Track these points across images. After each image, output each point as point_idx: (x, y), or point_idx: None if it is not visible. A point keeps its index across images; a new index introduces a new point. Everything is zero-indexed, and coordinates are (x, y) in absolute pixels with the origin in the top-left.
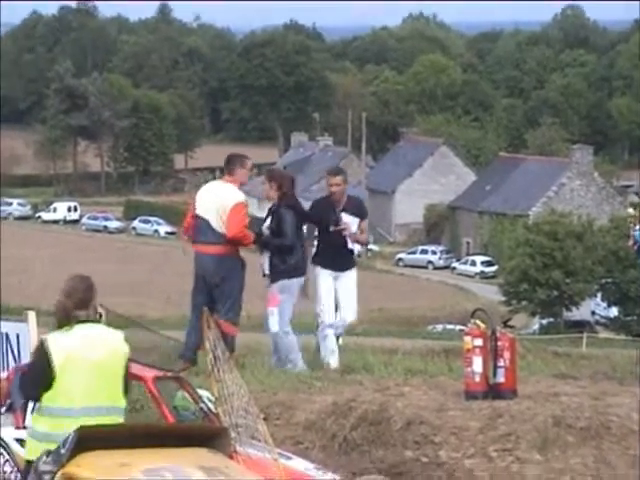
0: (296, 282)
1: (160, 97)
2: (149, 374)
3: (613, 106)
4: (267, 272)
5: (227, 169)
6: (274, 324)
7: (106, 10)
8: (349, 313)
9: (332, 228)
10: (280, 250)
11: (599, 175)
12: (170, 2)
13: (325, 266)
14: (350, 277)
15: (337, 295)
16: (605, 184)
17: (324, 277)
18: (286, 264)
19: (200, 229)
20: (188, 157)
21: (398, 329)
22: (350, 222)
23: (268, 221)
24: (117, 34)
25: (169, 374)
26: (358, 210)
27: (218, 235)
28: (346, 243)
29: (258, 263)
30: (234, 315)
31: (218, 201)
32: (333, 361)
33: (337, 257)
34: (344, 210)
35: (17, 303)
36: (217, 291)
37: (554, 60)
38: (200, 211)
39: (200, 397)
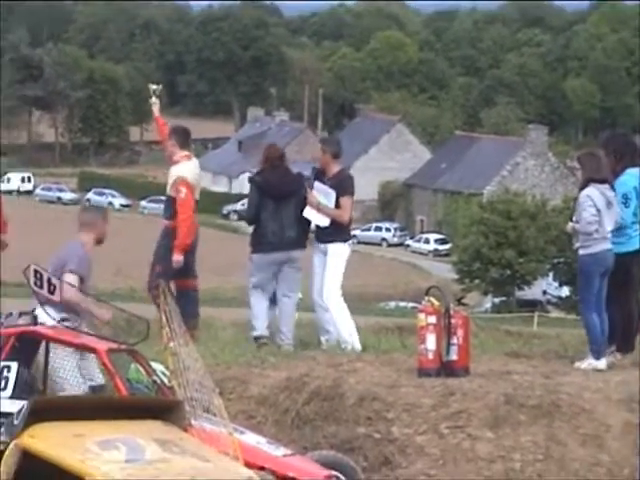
0: (259, 257)
1: (116, 69)
2: (102, 346)
3: (568, 87)
4: None
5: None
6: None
7: None
8: (323, 292)
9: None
10: (245, 222)
11: (553, 155)
12: None
13: (315, 238)
14: (330, 252)
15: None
16: (559, 164)
17: (314, 250)
18: (251, 238)
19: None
20: (143, 130)
21: (351, 306)
22: (323, 193)
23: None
24: (73, 5)
25: (122, 346)
26: (338, 184)
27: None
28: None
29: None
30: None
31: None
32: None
33: (317, 229)
34: (326, 182)
35: None
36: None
37: (510, 39)
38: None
39: (154, 370)
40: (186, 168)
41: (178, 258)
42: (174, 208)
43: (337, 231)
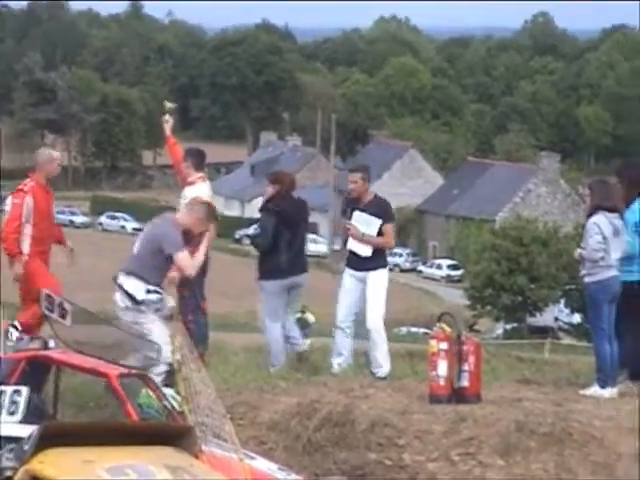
0: (274, 284)
1: (130, 93)
2: (113, 371)
3: (580, 114)
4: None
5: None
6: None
7: (77, 4)
8: (368, 318)
9: (342, 225)
10: (256, 249)
11: (565, 182)
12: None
13: (347, 265)
14: (372, 279)
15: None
16: (571, 191)
17: (345, 275)
18: (263, 265)
19: None
20: (156, 154)
21: (363, 331)
22: (365, 222)
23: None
24: (87, 28)
25: (134, 371)
26: (379, 211)
27: None
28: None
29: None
30: None
31: None
32: (337, 363)
33: (353, 256)
34: (364, 210)
35: None
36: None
37: (523, 67)
38: None
39: (164, 395)
40: (201, 189)
41: (174, 276)
42: None
43: (379, 258)
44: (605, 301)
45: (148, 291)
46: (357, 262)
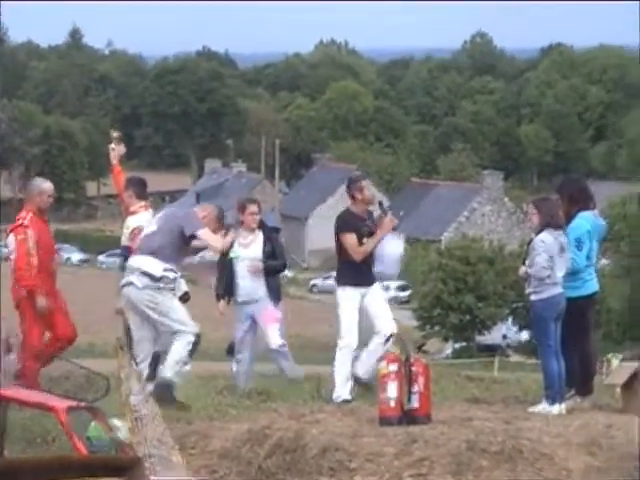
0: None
1: (72, 124)
2: (61, 405)
3: (522, 133)
4: (255, 293)
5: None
6: (277, 338)
7: (16, 35)
8: (389, 324)
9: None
10: (279, 271)
11: (509, 200)
12: (81, 27)
13: (356, 284)
14: (378, 288)
15: (369, 311)
16: (515, 209)
17: (354, 296)
18: (278, 284)
19: None
20: (100, 184)
21: (313, 355)
22: (394, 241)
23: (260, 246)
24: (27, 60)
25: (82, 404)
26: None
27: None
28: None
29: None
30: None
31: None
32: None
33: (367, 270)
34: (370, 226)
35: None
36: None
37: (464, 87)
38: None
39: (113, 427)
40: (144, 218)
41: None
42: None
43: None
44: (551, 318)
45: (165, 269)
46: (364, 278)
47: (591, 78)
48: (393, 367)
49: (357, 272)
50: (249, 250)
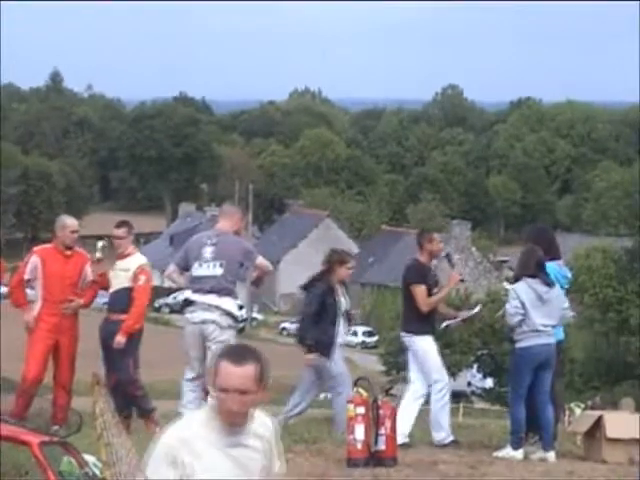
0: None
1: (50, 165)
2: (35, 439)
3: (490, 184)
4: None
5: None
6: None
7: None
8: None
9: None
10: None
11: (477, 250)
12: (62, 71)
13: (432, 332)
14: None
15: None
16: (482, 259)
17: (433, 343)
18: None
19: None
20: None
21: (282, 397)
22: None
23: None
24: (8, 101)
25: (55, 439)
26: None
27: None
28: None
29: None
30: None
31: None
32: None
33: (433, 321)
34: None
35: None
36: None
37: (434, 138)
38: None
39: (86, 462)
40: (143, 258)
41: (121, 340)
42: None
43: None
44: (528, 367)
45: (239, 307)
46: (433, 327)
47: (559, 132)
48: (360, 410)
49: (430, 321)
50: (345, 302)
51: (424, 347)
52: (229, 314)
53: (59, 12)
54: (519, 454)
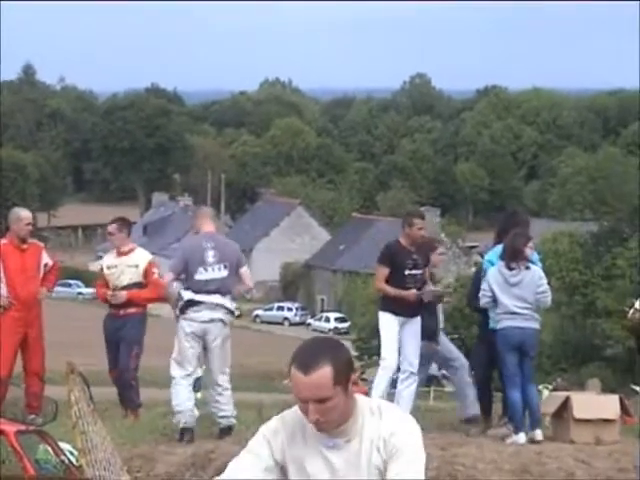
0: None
1: (24, 157)
2: (11, 428)
3: (458, 171)
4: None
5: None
6: None
7: None
8: (409, 359)
9: (408, 272)
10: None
11: (446, 236)
12: (34, 64)
13: (396, 313)
14: (417, 323)
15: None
16: (452, 244)
17: (392, 322)
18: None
19: None
20: (51, 216)
21: (257, 383)
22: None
23: None
24: None
25: (31, 428)
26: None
27: None
28: (421, 287)
29: None
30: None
31: None
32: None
33: (402, 302)
34: (416, 253)
35: None
36: None
37: (403, 126)
38: None
39: (62, 450)
40: (148, 253)
41: (124, 295)
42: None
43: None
44: (506, 349)
45: (234, 307)
46: (404, 309)
47: (525, 119)
48: None
49: (396, 301)
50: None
51: (382, 323)
52: (231, 312)
53: (31, 5)
54: (521, 438)
